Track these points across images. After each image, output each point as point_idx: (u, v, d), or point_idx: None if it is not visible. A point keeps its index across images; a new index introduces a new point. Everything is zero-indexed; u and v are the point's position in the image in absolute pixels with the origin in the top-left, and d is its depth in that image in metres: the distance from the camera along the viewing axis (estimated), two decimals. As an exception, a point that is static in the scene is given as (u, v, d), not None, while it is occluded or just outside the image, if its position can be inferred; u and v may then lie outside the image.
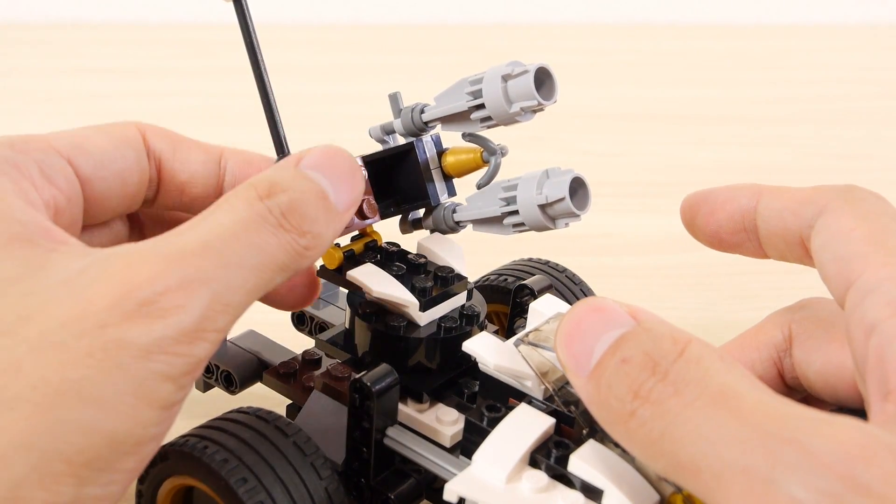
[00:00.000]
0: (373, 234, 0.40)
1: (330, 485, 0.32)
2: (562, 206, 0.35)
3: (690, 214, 0.35)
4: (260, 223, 0.29)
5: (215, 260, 0.28)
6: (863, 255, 0.28)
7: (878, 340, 0.26)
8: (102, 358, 0.26)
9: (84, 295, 0.27)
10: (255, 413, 0.34)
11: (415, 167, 0.39)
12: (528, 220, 0.36)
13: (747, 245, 0.34)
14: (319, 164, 0.32)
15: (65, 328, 0.26)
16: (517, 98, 0.36)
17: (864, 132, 0.95)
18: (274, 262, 0.30)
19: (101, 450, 0.26)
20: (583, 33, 1.29)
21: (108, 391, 0.26)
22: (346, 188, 0.32)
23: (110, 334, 0.26)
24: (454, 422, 0.35)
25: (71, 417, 0.26)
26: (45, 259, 0.28)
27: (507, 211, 0.36)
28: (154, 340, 0.26)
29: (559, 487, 0.30)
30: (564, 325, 0.27)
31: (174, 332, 0.27)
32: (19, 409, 0.25)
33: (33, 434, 0.25)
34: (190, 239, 0.28)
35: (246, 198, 0.30)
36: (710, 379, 0.25)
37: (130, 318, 0.26)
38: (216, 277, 0.28)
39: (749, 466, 0.23)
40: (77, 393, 0.26)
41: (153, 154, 0.37)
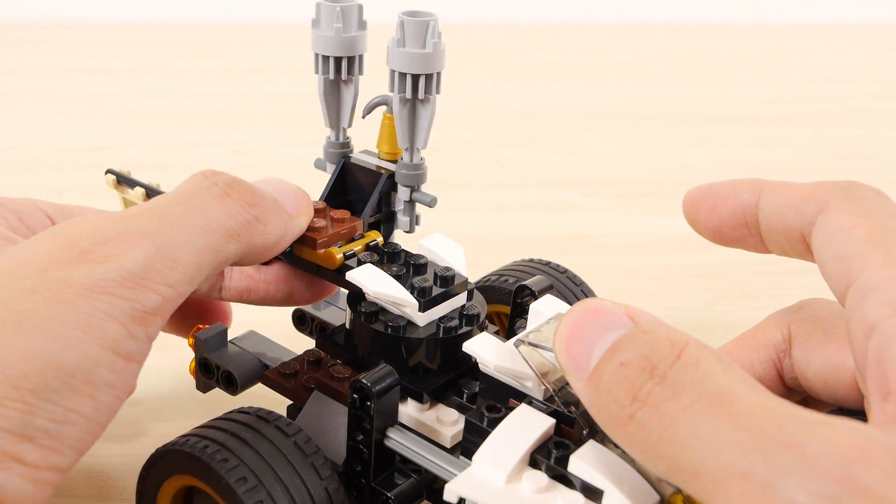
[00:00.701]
0: (372, 235, 0.40)
1: (330, 485, 0.32)
2: (409, 26, 0.36)
3: (692, 209, 0.35)
4: (204, 191, 0.31)
5: (158, 219, 0.30)
6: (863, 254, 0.28)
7: (877, 340, 0.26)
8: (45, 294, 0.27)
9: (28, 250, 0.28)
10: (256, 413, 0.34)
11: (359, 171, 0.41)
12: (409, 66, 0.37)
13: (749, 240, 0.34)
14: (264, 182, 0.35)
15: (8, 273, 0.27)
16: (327, 23, 0.38)
17: (864, 132, 0.95)
18: (221, 225, 0.31)
19: (49, 379, 0.26)
20: (583, 33, 1.29)
21: (52, 322, 0.26)
22: (290, 198, 0.35)
23: (52, 275, 0.27)
24: (454, 422, 0.35)
25: (15, 343, 0.26)
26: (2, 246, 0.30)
27: (399, 86, 0.37)
28: (96, 280, 0.27)
29: (559, 488, 0.30)
30: (563, 327, 0.27)
31: (116, 275, 0.28)
32: None
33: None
34: (136, 208, 0.30)
35: (191, 178, 0.32)
36: (707, 381, 0.25)
37: (71, 262, 0.27)
38: (159, 232, 0.29)
39: (747, 470, 0.23)
40: (21, 322, 0.26)
41: None
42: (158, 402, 0.48)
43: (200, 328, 0.42)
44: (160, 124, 0.88)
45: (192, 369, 0.43)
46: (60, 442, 0.27)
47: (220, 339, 0.42)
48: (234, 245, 0.32)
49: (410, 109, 0.37)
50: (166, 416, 0.47)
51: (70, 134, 0.86)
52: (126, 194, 0.44)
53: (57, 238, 0.28)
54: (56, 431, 0.27)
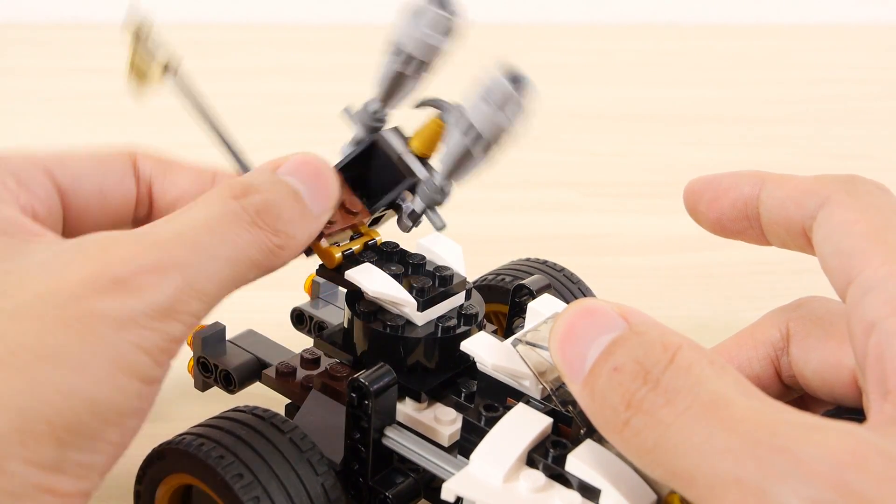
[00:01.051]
0: (371, 234, 0.40)
1: (326, 480, 0.32)
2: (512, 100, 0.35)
3: (693, 200, 0.35)
4: (233, 219, 0.31)
5: (188, 248, 0.29)
6: (864, 250, 0.28)
7: (877, 339, 0.26)
8: (79, 327, 0.27)
9: (60, 273, 0.28)
10: (252, 411, 0.34)
11: (384, 156, 0.39)
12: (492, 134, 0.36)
13: (749, 232, 0.34)
14: (294, 169, 0.33)
15: (41, 300, 0.27)
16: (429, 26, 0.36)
17: (864, 132, 0.95)
18: (247, 256, 0.31)
19: (82, 414, 0.27)
20: (583, 33, 1.29)
21: (85, 357, 0.27)
22: (320, 192, 0.34)
23: (86, 306, 0.27)
24: (452, 421, 0.35)
25: (50, 380, 0.26)
26: (21, 247, 0.29)
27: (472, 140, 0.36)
28: (128, 313, 0.27)
29: (556, 487, 0.30)
30: (557, 328, 0.27)
31: (147, 307, 0.28)
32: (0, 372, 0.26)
33: (13, 394, 0.26)
34: (165, 229, 0.30)
35: (220, 196, 0.31)
36: (700, 387, 0.25)
37: (105, 293, 0.27)
38: (189, 264, 0.29)
39: (741, 477, 0.23)
40: (55, 357, 0.26)
41: (143, 176, 0.38)
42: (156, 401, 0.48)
43: (200, 327, 0.42)
44: (160, 124, 0.88)
45: (190, 368, 0.43)
46: (90, 470, 0.28)
47: (218, 338, 0.42)
48: (254, 273, 0.32)
49: (468, 156, 0.37)
50: (164, 416, 0.47)
51: (70, 134, 0.85)
52: (138, 55, 0.40)
53: (89, 260, 0.28)
54: (87, 461, 0.27)
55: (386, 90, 0.39)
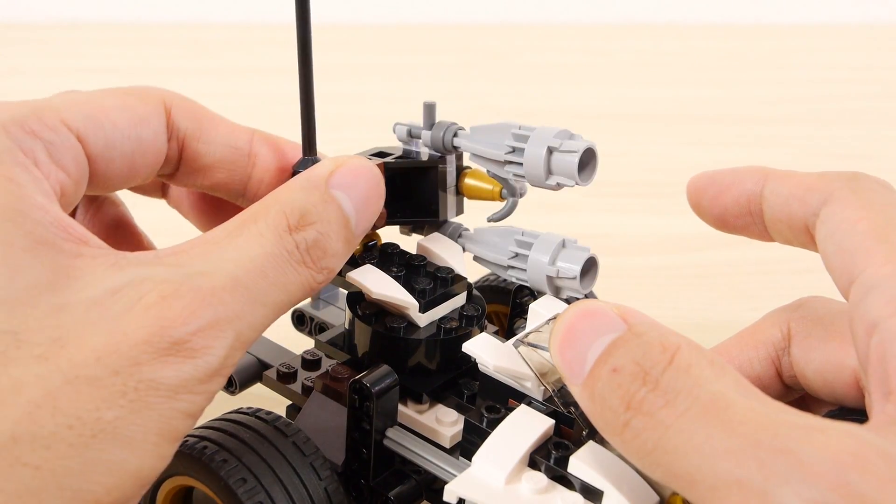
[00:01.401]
0: (373, 235, 0.40)
1: (329, 485, 0.32)
2: (570, 283, 0.36)
3: (696, 195, 0.35)
4: (286, 260, 0.30)
5: (244, 298, 0.28)
6: (867, 249, 0.28)
7: (879, 339, 0.26)
8: (134, 398, 0.26)
9: (117, 327, 0.27)
10: (255, 413, 0.34)
11: (433, 185, 0.39)
12: (532, 280, 0.36)
13: (752, 228, 0.34)
14: (347, 184, 0.32)
15: (99, 363, 0.26)
16: (557, 172, 0.35)
17: (864, 132, 0.95)
18: (291, 299, 0.30)
19: (127, 488, 0.27)
20: (583, 33, 1.29)
21: (137, 431, 0.26)
22: (366, 214, 0.32)
23: (144, 374, 0.26)
24: (454, 423, 0.35)
25: (103, 458, 0.26)
26: (70, 266, 0.28)
27: (514, 265, 0.37)
28: (183, 381, 0.27)
29: (559, 489, 0.30)
30: (557, 330, 0.27)
31: (202, 373, 0.27)
32: (55, 448, 0.25)
33: (67, 475, 0.26)
34: (221, 273, 0.28)
35: (275, 227, 0.30)
36: (700, 388, 0.25)
37: (162, 358, 0.27)
38: (242, 317, 0.28)
39: (742, 479, 0.23)
40: (110, 434, 0.26)
41: (176, 133, 0.36)
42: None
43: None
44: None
45: (191, 369, 0.43)
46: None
47: (219, 340, 0.42)
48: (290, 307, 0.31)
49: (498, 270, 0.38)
50: (166, 417, 0.47)
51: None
52: None
53: (149, 317, 0.27)
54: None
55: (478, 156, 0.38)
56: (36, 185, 0.29)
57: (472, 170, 0.39)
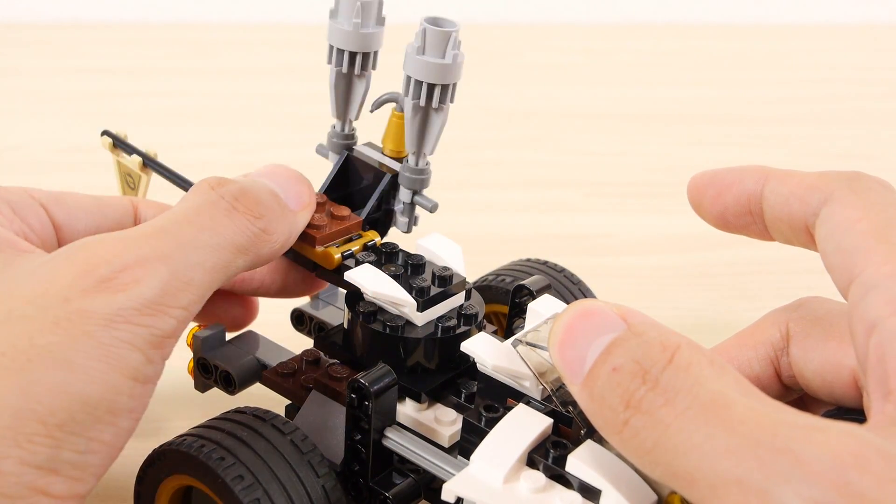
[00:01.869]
0: (370, 235, 0.40)
1: (327, 482, 0.32)
2: (431, 34, 0.35)
3: (697, 195, 0.35)
4: (212, 206, 0.32)
5: (171, 241, 0.30)
6: (866, 248, 0.28)
7: (879, 339, 0.26)
8: (68, 326, 0.27)
9: (47, 277, 0.28)
10: (252, 412, 0.34)
11: (362, 166, 0.41)
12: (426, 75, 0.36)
13: (753, 228, 0.34)
14: (264, 173, 0.35)
15: (30, 303, 0.27)
16: (346, 17, 0.37)
17: (864, 132, 0.95)
18: (231, 242, 0.31)
19: (75, 412, 0.27)
20: (583, 33, 1.28)
21: (76, 355, 0.27)
22: (293, 189, 0.35)
23: (74, 305, 0.27)
24: (452, 422, 0.35)
25: (42, 379, 0.26)
26: (10, 260, 0.30)
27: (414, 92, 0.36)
28: (116, 310, 0.28)
29: (557, 488, 0.30)
30: (556, 330, 0.27)
31: (135, 303, 0.28)
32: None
33: (6, 395, 0.26)
34: (147, 225, 0.31)
35: (198, 189, 0.32)
36: (700, 387, 0.25)
37: (92, 292, 0.28)
38: (173, 256, 0.29)
39: (742, 478, 0.23)
40: (46, 356, 0.27)
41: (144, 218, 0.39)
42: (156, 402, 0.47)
43: (199, 328, 0.42)
44: (160, 124, 0.88)
45: (190, 369, 0.43)
46: (84, 471, 0.28)
47: (218, 339, 0.42)
48: (242, 259, 0.32)
49: (423, 116, 0.37)
50: (164, 417, 0.47)
51: (70, 134, 0.85)
52: (121, 158, 0.45)
53: (75, 264, 0.28)
54: (81, 461, 0.27)
55: (339, 103, 0.40)
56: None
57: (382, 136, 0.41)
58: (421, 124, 0.37)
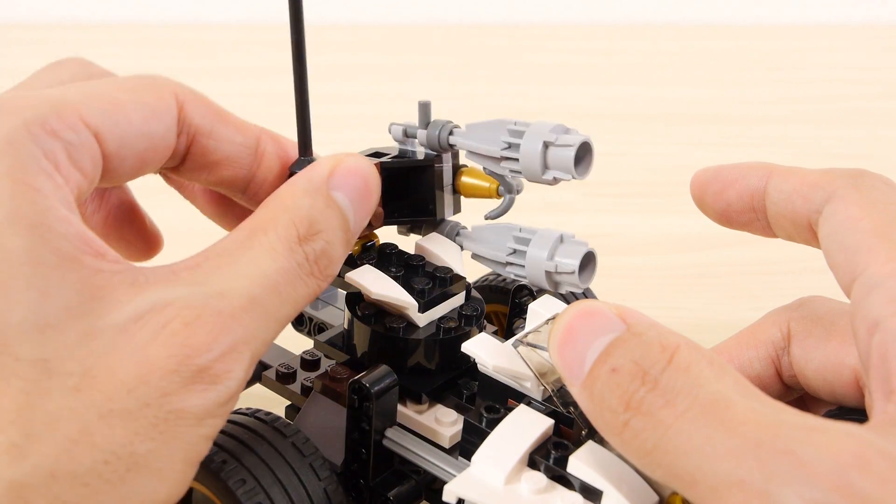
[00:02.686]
0: (370, 235, 0.39)
1: (329, 485, 0.32)
2: (569, 278, 0.35)
3: (700, 191, 0.35)
4: (297, 273, 0.30)
5: (259, 318, 0.29)
6: (869, 247, 0.28)
7: (881, 338, 0.26)
8: (164, 430, 0.27)
9: (145, 356, 0.27)
10: (254, 414, 0.34)
11: (429, 184, 0.39)
12: (531, 277, 0.36)
13: (755, 224, 0.34)
14: (345, 184, 0.32)
15: (131, 395, 0.26)
16: (553, 167, 0.35)
17: (864, 132, 0.95)
18: (299, 310, 0.31)
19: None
20: (583, 33, 1.29)
21: (167, 462, 0.27)
22: (363, 213, 0.33)
23: (174, 404, 0.27)
24: (453, 423, 0.35)
25: (137, 491, 0.27)
26: (93, 286, 0.28)
27: (512, 262, 0.37)
28: (207, 408, 0.28)
29: (558, 489, 0.30)
30: (556, 331, 0.27)
31: (223, 397, 0.28)
32: (93, 485, 0.26)
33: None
34: (238, 293, 0.29)
35: (286, 240, 0.30)
36: (700, 388, 0.25)
37: (189, 386, 0.27)
38: (258, 336, 0.29)
39: (744, 479, 0.23)
40: (143, 467, 0.27)
41: (187, 129, 0.36)
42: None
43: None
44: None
45: (190, 370, 0.43)
46: None
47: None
48: None
49: (499, 268, 0.38)
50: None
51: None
52: None
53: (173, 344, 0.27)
54: None
55: (474, 153, 0.37)
56: (58, 193, 0.29)
57: (468, 168, 0.39)
58: (488, 261, 0.38)
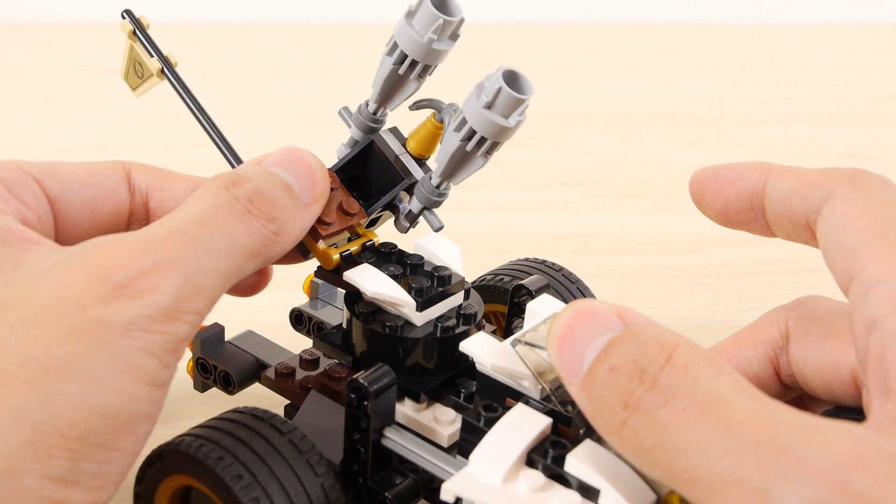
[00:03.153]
0: (370, 235, 0.39)
1: (326, 481, 0.32)
2: (504, 96, 0.35)
3: (699, 190, 0.35)
4: (227, 209, 0.31)
5: (186, 245, 0.29)
6: (867, 246, 0.28)
7: (879, 337, 0.26)
8: (84, 336, 0.27)
9: (60, 280, 0.28)
10: (251, 412, 0.34)
11: (381, 156, 0.39)
12: (483, 129, 0.35)
13: (754, 224, 0.34)
14: (280, 161, 0.34)
15: (45, 310, 0.27)
16: (423, 27, 0.36)
17: (864, 132, 0.95)
18: (244, 246, 0.31)
19: (95, 424, 0.27)
20: (583, 33, 1.28)
21: (94, 366, 0.27)
22: (308, 181, 0.34)
23: (90, 314, 0.27)
24: (451, 422, 0.35)
25: (61, 391, 0.26)
26: (20, 256, 0.29)
27: (464, 137, 0.36)
28: (132, 318, 0.27)
29: (556, 487, 0.30)
30: (554, 330, 0.27)
31: (151, 311, 0.28)
32: (9, 384, 0.26)
33: (25, 408, 0.26)
34: (161, 226, 0.30)
35: (213, 188, 0.32)
36: (698, 387, 0.25)
37: (108, 299, 0.27)
38: (187, 261, 0.29)
39: (742, 478, 0.23)
40: (64, 368, 0.26)
41: (138, 188, 0.38)
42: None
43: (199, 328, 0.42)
44: (160, 124, 0.88)
45: (189, 369, 0.43)
46: (104, 480, 0.27)
47: (217, 339, 0.42)
48: (254, 262, 0.32)
49: (465, 157, 0.37)
50: (163, 417, 0.46)
51: (70, 134, 0.85)
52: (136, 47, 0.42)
53: (89, 267, 0.28)
54: (100, 471, 0.27)
55: (383, 92, 0.39)
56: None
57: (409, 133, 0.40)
58: (459, 162, 0.37)
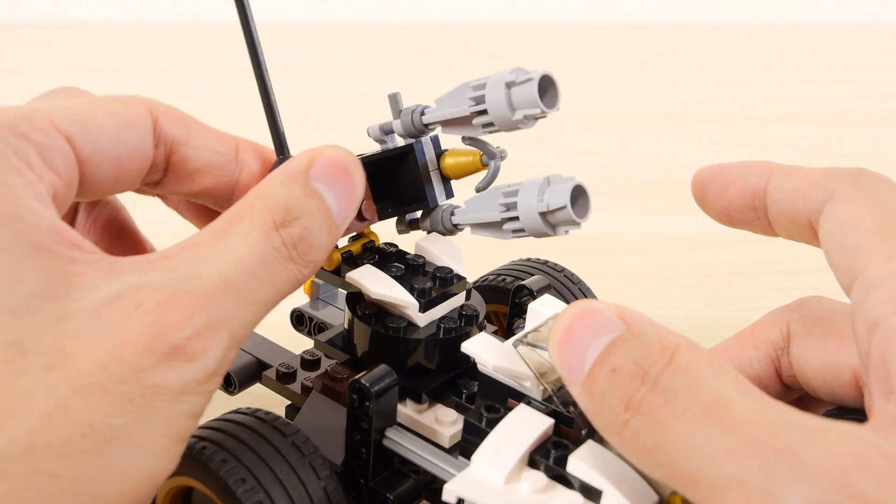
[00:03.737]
0: (371, 235, 0.39)
1: (328, 485, 0.32)
2: (563, 214, 0.35)
3: (701, 189, 0.35)
4: (274, 257, 0.30)
5: (236, 299, 0.29)
6: (869, 247, 0.28)
7: (881, 337, 0.26)
8: (142, 403, 0.27)
9: (118, 335, 0.27)
10: (254, 413, 0.34)
11: (414, 169, 0.39)
12: (528, 226, 0.36)
13: (756, 223, 0.34)
14: (326, 174, 0.32)
15: (105, 371, 0.27)
16: (520, 105, 0.35)
17: (864, 132, 0.95)
18: (281, 293, 0.31)
19: (141, 490, 0.27)
20: (583, 33, 1.29)
21: (147, 435, 0.27)
22: (347, 202, 0.32)
23: (148, 379, 0.27)
24: (453, 422, 0.35)
25: (118, 463, 0.27)
26: (67, 273, 0.28)
27: (507, 217, 0.36)
28: (184, 384, 0.28)
29: (558, 488, 0.30)
30: (555, 330, 0.27)
31: (200, 374, 0.28)
32: (69, 455, 0.26)
33: (83, 481, 0.26)
34: (213, 275, 0.29)
35: (262, 226, 0.30)
36: (700, 388, 0.25)
37: (164, 363, 0.27)
38: (235, 318, 0.29)
39: (744, 478, 0.23)
40: (122, 439, 0.27)
41: (164, 139, 0.36)
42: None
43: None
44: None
45: (190, 369, 0.43)
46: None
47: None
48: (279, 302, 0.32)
49: (497, 229, 0.37)
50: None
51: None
52: None
53: (147, 322, 0.27)
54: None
55: (446, 120, 0.38)
56: (30, 188, 0.29)
57: (449, 150, 0.39)
58: (488, 227, 0.38)
